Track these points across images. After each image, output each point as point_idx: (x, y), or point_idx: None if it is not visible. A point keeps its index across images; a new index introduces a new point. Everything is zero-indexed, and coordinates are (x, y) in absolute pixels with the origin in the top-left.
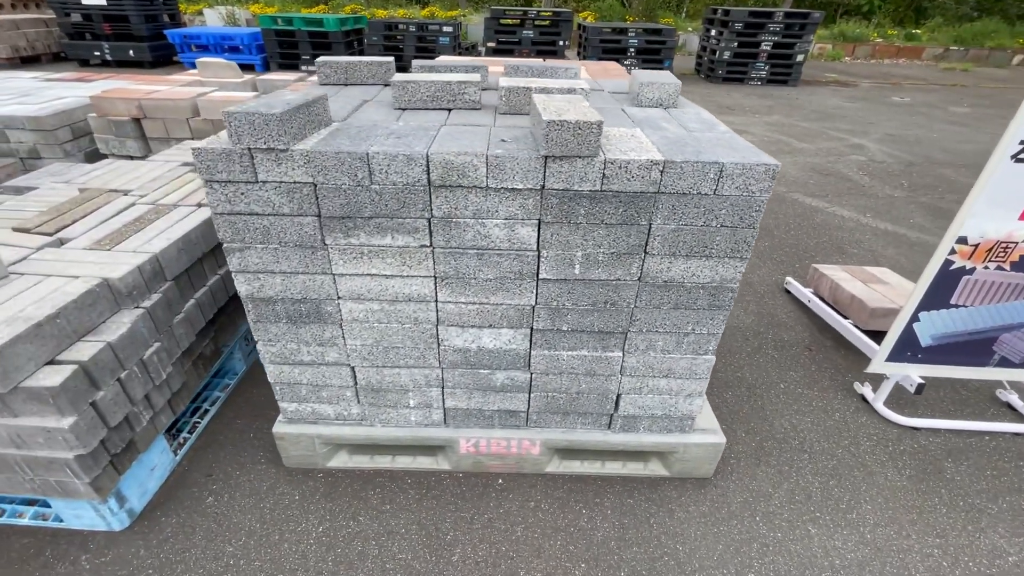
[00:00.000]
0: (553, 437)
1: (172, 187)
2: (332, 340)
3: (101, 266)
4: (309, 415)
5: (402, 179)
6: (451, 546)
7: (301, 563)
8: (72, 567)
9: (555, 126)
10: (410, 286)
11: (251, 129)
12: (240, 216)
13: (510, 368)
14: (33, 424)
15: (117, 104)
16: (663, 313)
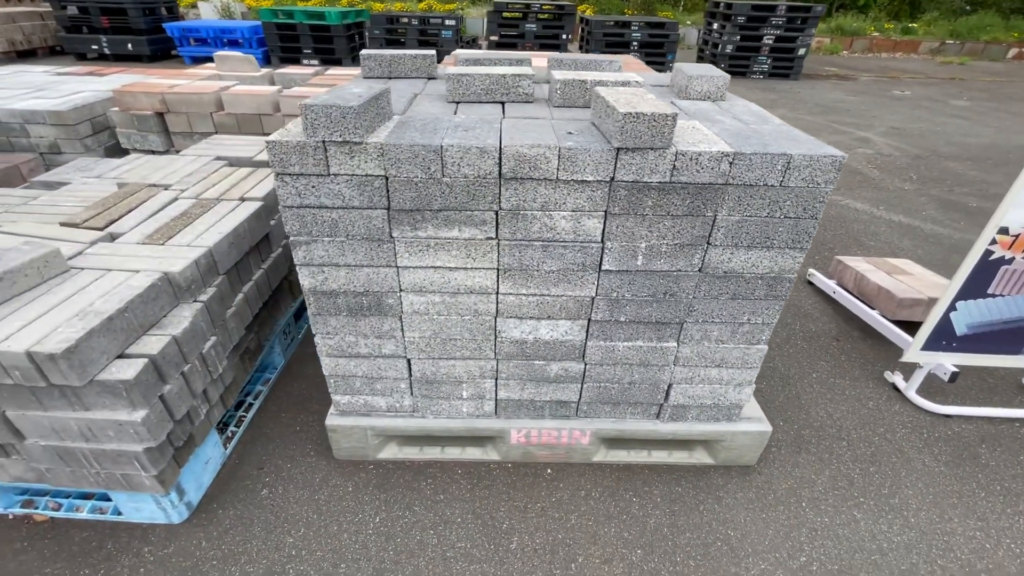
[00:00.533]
0: (603, 427)
1: (210, 182)
2: (390, 333)
3: (158, 260)
4: (361, 407)
5: (473, 172)
6: (508, 534)
7: (363, 553)
8: (135, 559)
9: (631, 118)
10: (473, 278)
11: (327, 122)
12: (309, 209)
13: (565, 359)
14: (104, 417)
15: (140, 98)
16: (720, 303)
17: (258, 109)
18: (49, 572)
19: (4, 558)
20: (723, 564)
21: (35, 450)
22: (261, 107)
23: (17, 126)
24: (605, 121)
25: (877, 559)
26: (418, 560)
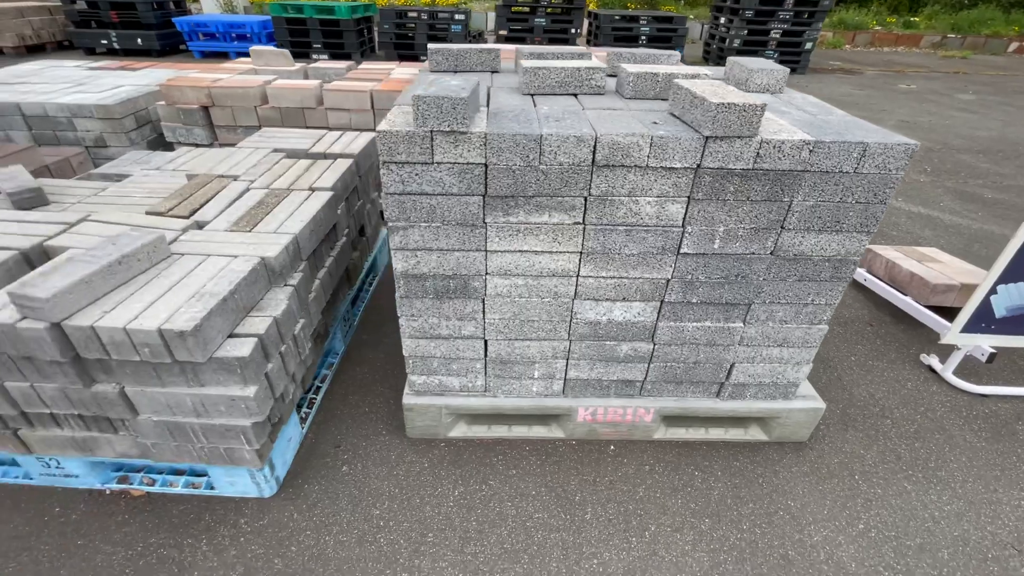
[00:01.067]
0: (667, 405)
1: (275, 173)
2: (472, 315)
3: (251, 246)
4: (436, 387)
5: (569, 159)
6: (581, 506)
7: (447, 523)
8: (233, 529)
9: (723, 108)
10: (556, 261)
11: (438, 112)
12: (410, 196)
13: (635, 339)
14: (218, 393)
15: (187, 92)
16: (788, 285)
17: (301, 103)
18: (154, 542)
19: (108, 529)
20: (787, 531)
21: (146, 425)
22: (304, 101)
23: (64, 120)
24: (691, 111)
25: (931, 526)
26: (500, 529)
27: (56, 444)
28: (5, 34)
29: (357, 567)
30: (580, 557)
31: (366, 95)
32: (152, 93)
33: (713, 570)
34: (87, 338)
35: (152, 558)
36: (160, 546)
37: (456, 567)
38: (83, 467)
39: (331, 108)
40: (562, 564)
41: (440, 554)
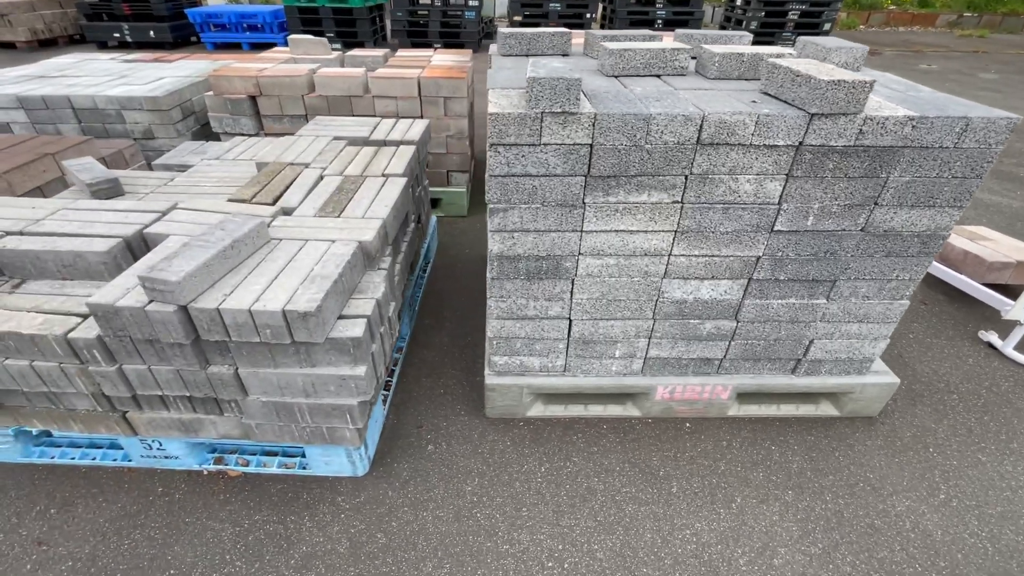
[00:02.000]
0: (744, 382)
1: (343, 160)
2: (560, 295)
3: (344, 230)
4: (516, 368)
5: (674, 138)
6: (666, 480)
7: (538, 498)
8: (332, 507)
9: (832, 86)
10: (650, 241)
11: (551, 94)
12: (513, 178)
13: (719, 318)
14: (329, 373)
15: (235, 82)
16: (875, 261)
17: (348, 91)
18: (258, 519)
19: (213, 508)
20: (870, 502)
21: (255, 406)
22: (352, 89)
23: (113, 112)
24: (793, 89)
25: (1009, 495)
26: (591, 503)
27: (162, 426)
28: (18, 29)
29: (459, 540)
30: (672, 528)
31: (413, 82)
32: (195, 84)
33: (803, 538)
34: (211, 320)
35: (260, 534)
36: (265, 523)
37: (554, 539)
38: (183, 448)
39: (378, 96)
40: (656, 535)
41: (537, 527)
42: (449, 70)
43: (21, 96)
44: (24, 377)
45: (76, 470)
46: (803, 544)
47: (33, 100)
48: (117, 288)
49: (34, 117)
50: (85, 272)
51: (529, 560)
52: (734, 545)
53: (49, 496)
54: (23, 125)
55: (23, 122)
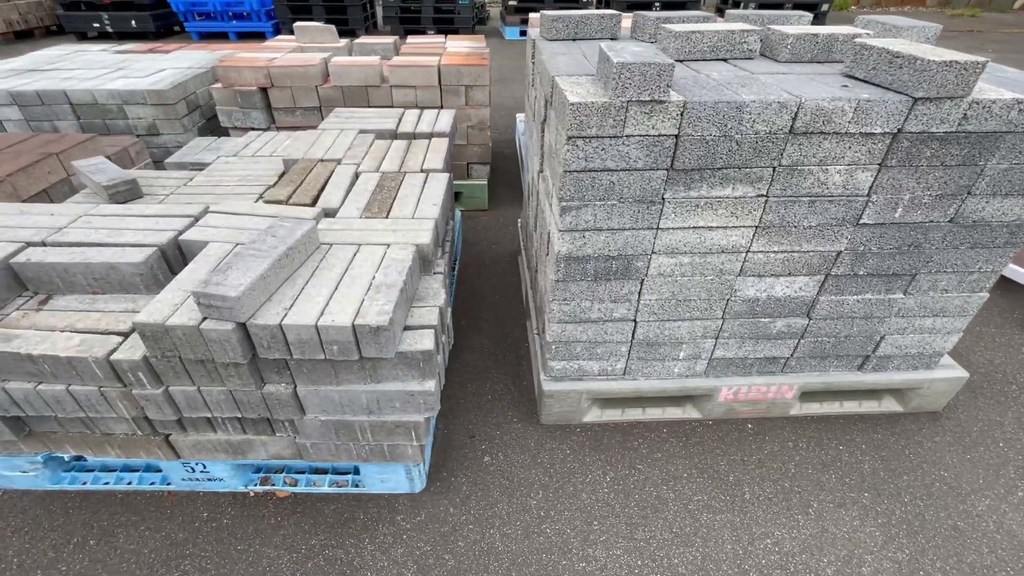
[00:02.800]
0: (810, 381)
1: (376, 155)
2: (627, 296)
3: (396, 232)
4: (574, 372)
5: (766, 127)
6: (737, 486)
7: (608, 510)
8: (392, 527)
9: (944, 67)
10: (729, 237)
11: (640, 81)
12: (590, 173)
13: (791, 315)
14: (395, 389)
15: (245, 73)
16: (959, 253)
17: (365, 81)
18: (315, 543)
19: (265, 532)
20: (949, 502)
21: (311, 426)
22: (368, 79)
23: (114, 107)
24: (891, 72)
25: None
26: (664, 513)
27: (207, 448)
28: None
29: (532, 559)
30: (752, 538)
31: (433, 70)
32: (199, 76)
33: (888, 544)
34: (272, 337)
35: (319, 560)
36: (323, 547)
37: (631, 554)
38: (228, 470)
39: (396, 86)
40: (736, 545)
41: (611, 542)
42: (468, 57)
43: (14, 91)
44: (60, 403)
45: (111, 496)
46: (889, 550)
47: (27, 95)
48: (164, 304)
49: (28, 114)
50: (118, 285)
51: None
52: (819, 554)
53: (86, 526)
54: (16, 123)
55: (16, 119)
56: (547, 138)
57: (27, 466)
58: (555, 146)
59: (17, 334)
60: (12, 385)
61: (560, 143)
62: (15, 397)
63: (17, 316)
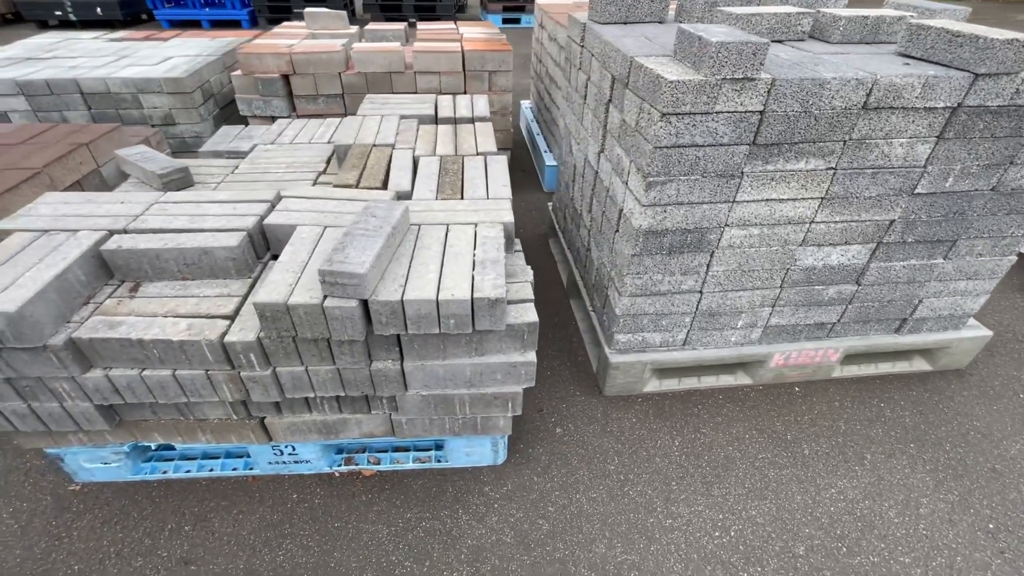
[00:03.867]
0: (854, 344)
1: (426, 139)
2: (696, 268)
3: (478, 212)
4: (638, 345)
5: (843, 103)
6: (795, 443)
7: (683, 471)
8: (482, 498)
9: (1006, 45)
10: (796, 209)
11: (737, 59)
12: (678, 149)
13: (842, 283)
14: (499, 361)
15: (267, 60)
16: (996, 219)
17: (389, 67)
18: (411, 517)
19: (358, 510)
20: (985, 448)
21: (412, 401)
22: (392, 65)
23: (128, 97)
24: (950, 50)
25: None
26: (734, 471)
27: (301, 430)
28: None
29: (620, 519)
30: (817, 489)
31: (457, 56)
32: (211, 64)
33: (938, 487)
34: (392, 313)
35: (418, 531)
36: (420, 520)
37: (712, 509)
38: (315, 452)
39: (420, 71)
40: (805, 496)
41: (691, 499)
42: (489, 42)
43: (21, 80)
44: (163, 389)
45: (195, 483)
46: (940, 492)
47: (36, 85)
48: (279, 285)
49: (36, 104)
50: (208, 270)
51: (695, 531)
52: (879, 499)
53: (177, 513)
54: (24, 114)
55: (23, 110)
56: (619, 118)
57: (111, 457)
58: (638, 124)
59: (119, 321)
60: (115, 372)
61: (649, 121)
62: (117, 384)
63: (112, 303)
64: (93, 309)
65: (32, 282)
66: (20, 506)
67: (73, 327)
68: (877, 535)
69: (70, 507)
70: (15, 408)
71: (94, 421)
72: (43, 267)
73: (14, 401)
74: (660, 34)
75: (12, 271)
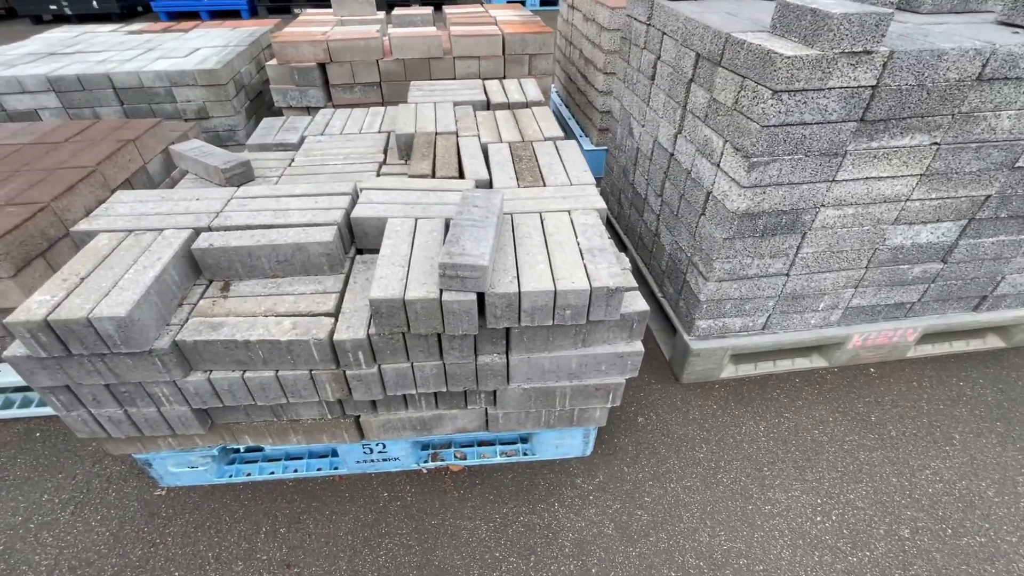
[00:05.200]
0: (932, 323)
1: (488, 126)
2: (785, 251)
3: (570, 199)
4: (718, 330)
5: (956, 75)
6: (881, 424)
7: (773, 456)
8: (575, 489)
9: None
10: (894, 187)
11: (860, 31)
12: (785, 128)
13: (928, 261)
14: (604, 352)
15: (303, 48)
16: None
17: (428, 53)
18: (507, 511)
19: (452, 506)
20: None
21: (512, 395)
22: (432, 50)
23: (161, 90)
24: None
25: None
26: (825, 455)
27: (394, 427)
28: None
29: (719, 507)
30: (912, 471)
31: (498, 40)
32: (240, 55)
33: None
34: (507, 305)
35: (517, 526)
36: (517, 515)
37: (808, 494)
38: (405, 449)
39: (460, 56)
40: (900, 478)
41: (786, 484)
42: (527, 25)
43: (52, 76)
44: (263, 390)
45: (280, 485)
46: None
47: (67, 80)
48: (391, 280)
49: (67, 100)
50: (301, 267)
51: (797, 517)
52: (976, 479)
53: (269, 515)
54: (54, 111)
55: (54, 107)
56: (706, 97)
57: (199, 461)
58: (738, 103)
59: (219, 322)
60: (217, 375)
61: (755, 99)
62: (218, 387)
63: (207, 304)
64: (189, 311)
65: (134, 284)
66: (108, 513)
67: (174, 330)
68: (980, 515)
69: (159, 512)
70: (111, 414)
71: (189, 425)
72: (140, 268)
73: (111, 407)
74: (742, 9)
75: (110, 273)
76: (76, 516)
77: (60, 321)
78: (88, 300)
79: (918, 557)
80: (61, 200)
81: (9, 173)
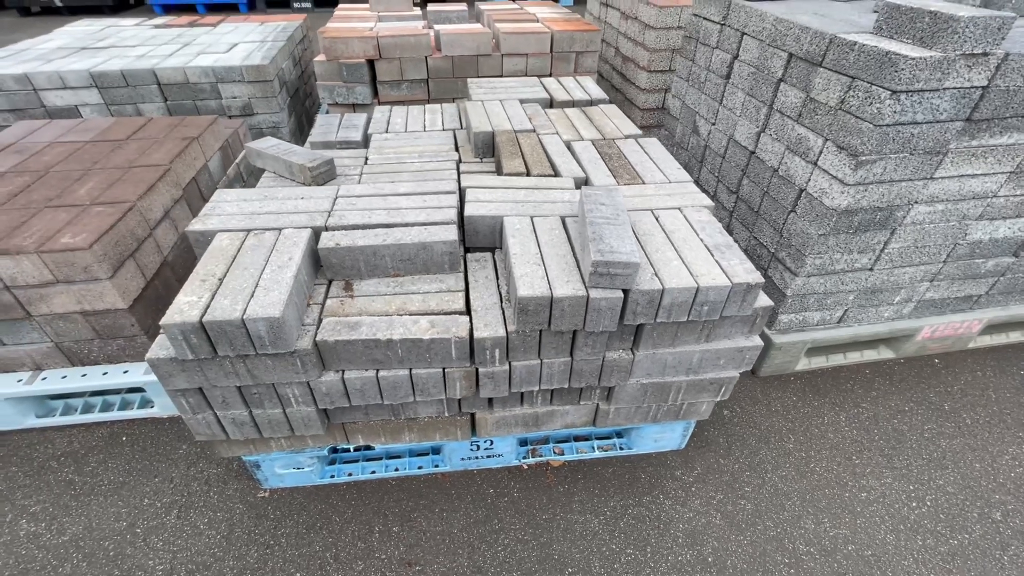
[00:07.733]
0: (997, 315)
1: (564, 124)
2: (873, 246)
3: (675, 196)
4: (797, 324)
5: None
6: (955, 413)
7: (858, 445)
8: (676, 482)
9: None
10: (985, 184)
11: (983, 34)
12: (896, 127)
13: (1002, 255)
14: (724, 346)
15: (353, 45)
16: None
17: (477, 50)
18: (615, 505)
19: (560, 501)
20: None
21: (630, 390)
22: (481, 47)
23: (207, 87)
24: None
25: None
26: (908, 443)
27: (507, 424)
28: None
29: (818, 495)
30: (992, 456)
31: (546, 37)
32: (281, 51)
33: None
34: (648, 302)
35: (628, 519)
36: (625, 508)
37: (900, 480)
38: (509, 446)
39: (508, 54)
40: (983, 464)
41: (876, 472)
42: (570, 22)
43: (95, 72)
44: (395, 389)
45: (383, 484)
46: None
47: (111, 76)
48: (534, 278)
49: (110, 96)
50: (423, 265)
51: (893, 503)
52: None
53: (379, 514)
54: (96, 108)
55: (95, 104)
56: (800, 97)
57: (306, 462)
58: (844, 102)
59: (355, 321)
60: (351, 374)
61: (869, 99)
62: (351, 387)
63: (336, 304)
64: (318, 311)
65: (276, 284)
66: (214, 516)
67: (309, 330)
68: None
69: (266, 514)
70: (235, 416)
71: (311, 425)
72: (275, 268)
73: (237, 409)
74: (829, 11)
75: (245, 273)
76: (182, 520)
77: (214, 322)
78: (236, 301)
79: (1013, 538)
80: (144, 199)
81: (81, 171)
